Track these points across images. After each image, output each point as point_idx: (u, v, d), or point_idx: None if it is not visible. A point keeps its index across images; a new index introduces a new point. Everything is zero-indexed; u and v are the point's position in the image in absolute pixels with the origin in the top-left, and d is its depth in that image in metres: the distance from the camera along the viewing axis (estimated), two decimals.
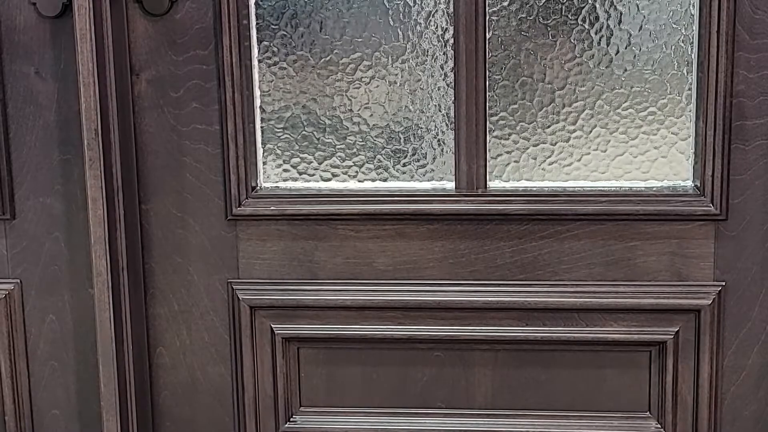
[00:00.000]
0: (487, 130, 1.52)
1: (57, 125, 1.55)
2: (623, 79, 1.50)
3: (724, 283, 1.51)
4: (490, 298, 1.54)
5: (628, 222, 1.51)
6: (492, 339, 1.55)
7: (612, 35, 1.48)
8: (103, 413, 1.56)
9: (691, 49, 1.47)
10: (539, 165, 1.53)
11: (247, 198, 1.54)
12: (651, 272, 1.52)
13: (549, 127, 1.52)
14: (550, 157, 1.53)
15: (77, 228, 1.57)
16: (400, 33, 1.51)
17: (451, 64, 1.51)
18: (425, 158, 1.54)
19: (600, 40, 1.49)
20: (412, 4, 1.50)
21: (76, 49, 1.46)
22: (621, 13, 1.48)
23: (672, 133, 1.51)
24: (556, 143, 1.52)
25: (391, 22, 1.50)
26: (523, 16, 1.49)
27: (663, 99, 1.50)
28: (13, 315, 1.61)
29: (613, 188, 1.52)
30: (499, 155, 1.53)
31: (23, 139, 1.55)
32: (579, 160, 1.53)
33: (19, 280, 1.60)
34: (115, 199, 1.51)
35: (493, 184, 1.54)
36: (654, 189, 1.51)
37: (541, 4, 1.48)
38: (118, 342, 1.54)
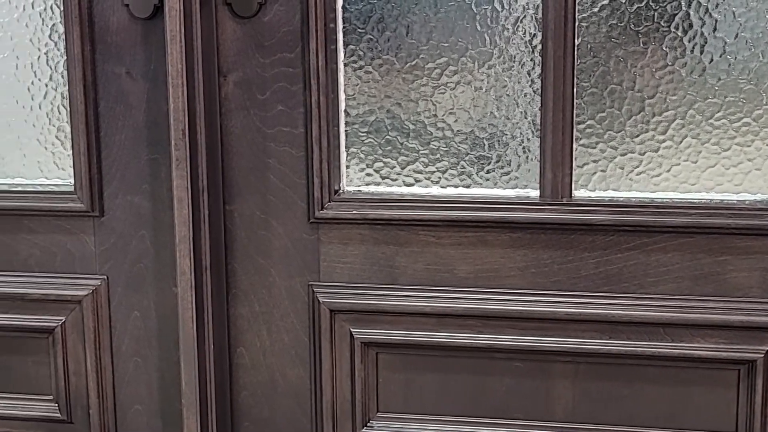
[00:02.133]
0: (574, 138, 1.49)
1: (146, 125, 1.57)
2: (717, 88, 1.45)
3: None
4: (572, 310, 1.51)
5: (718, 236, 1.46)
6: (573, 351, 1.52)
7: (706, 43, 1.44)
8: (184, 411, 1.57)
9: None
10: (626, 175, 1.50)
11: (329, 201, 1.54)
12: (741, 288, 1.47)
13: (638, 136, 1.48)
14: (638, 167, 1.49)
15: (163, 227, 1.59)
16: (487, 38, 1.49)
17: (538, 70, 1.48)
18: (509, 165, 1.52)
19: (693, 48, 1.45)
20: (500, 9, 1.48)
21: (166, 51, 1.48)
22: (716, 21, 1.43)
23: (767, 145, 1.46)
24: (644, 153, 1.49)
25: (479, 27, 1.49)
26: (614, 22, 1.46)
27: (758, 110, 1.45)
28: (100, 311, 1.64)
29: (703, 200, 1.47)
30: (585, 164, 1.50)
31: (113, 138, 1.58)
32: (668, 170, 1.49)
33: (106, 277, 1.63)
34: (200, 199, 1.53)
35: (579, 193, 1.51)
36: (747, 202, 1.46)
37: (632, 10, 1.45)
38: (199, 341, 1.56)
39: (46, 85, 1.62)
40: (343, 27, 1.51)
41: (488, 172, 1.52)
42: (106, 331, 1.65)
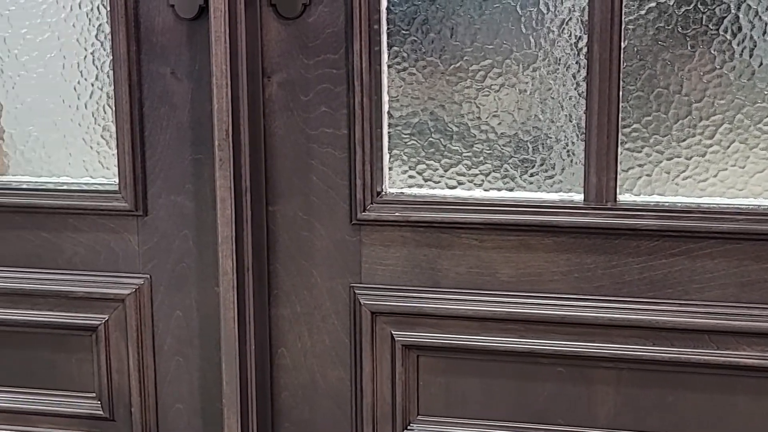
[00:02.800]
0: (619, 141, 1.47)
1: (190, 125, 1.58)
2: (766, 92, 1.43)
3: None
4: (615, 315, 1.49)
5: (766, 242, 1.44)
6: (616, 357, 1.50)
7: (755, 47, 1.42)
8: (225, 410, 1.58)
9: None
10: (672, 179, 1.48)
11: (372, 203, 1.54)
12: None
13: (684, 140, 1.46)
14: (684, 171, 1.47)
15: (206, 227, 1.60)
16: (532, 40, 1.48)
17: (583, 73, 1.47)
18: (553, 169, 1.51)
19: (742, 51, 1.42)
20: (545, 12, 1.47)
21: (210, 51, 1.49)
22: (766, 24, 1.41)
23: None
24: (691, 157, 1.47)
25: (524, 30, 1.48)
26: (661, 25, 1.44)
27: None
28: (143, 309, 1.65)
29: (751, 206, 1.45)
30: (630, 168, 1.49)
31: (157, 138, 1.59)
32: (715, 175, 1.47)
33: (149, 276, 1.64)
34: (243, 199, 1.53)
35: (624, 197, 1.49)
36: None
37: (680, 13, 1.43)
38: (241, 341, 1.56)
39: (92, 85, 1.63)
40: (387, 28, 1.51)
41: (532, 175, 1.51)
42: (148, 329, 1.65)
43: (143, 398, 1.67)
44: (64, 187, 1.65)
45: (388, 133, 1.54)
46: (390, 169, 1.55)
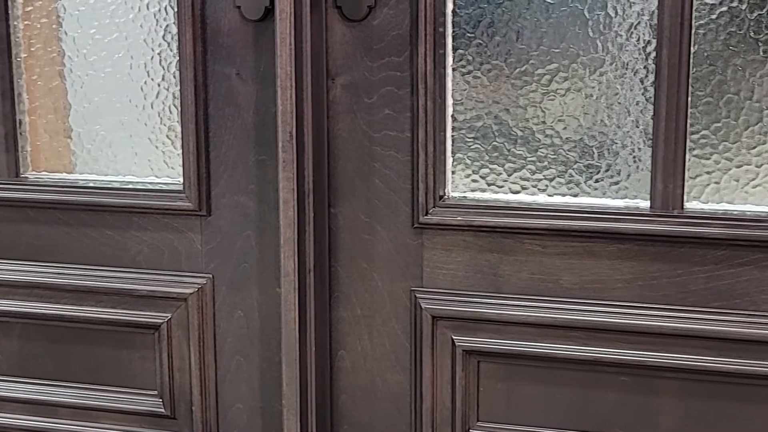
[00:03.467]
0: (687, 148, 1.44)
1: (254, 126, 1.58)
2: None
3: None
4: (680, 325, 1.46)
5: None
6: (681, 367, 1.47)
7: None
8: (284, 411, 1.58)
9: None
10: (742, 187, 1.45)
11: (434, 207, 1.53)
12: None
13: (755, 148, 1.43)
14: (754, 179, 1.44)
15: (268, 227, 1.60)
16: (599, 44, 1.46)
17: (651, 78, 1.44)
18: (619, 175, 1.48)
19: None
20: (613, 15, 1.45)
21: (275, 53, 1.49)
22: None
23: None
24: (761, 165, 1.44)
25: (591, 34, 1.46)
26: (733, 30, 1.41)
27: None
28: (205, 308, 1.66)
29: None
30: (698, 175, 1.46)
31: (222, 138, 1.60)
32: None
33: (211, 275, 1.65)
34: (305, 201, 1.53)
35: (691, 205, 1.46)
36: None
37: (752, 17, 1.40)
38: (301, 342, 1.56)
39: (159, 85, 1.64)
40: (453, 31, 1.50)
41: (597, 181, 1.49)
42: (210, 329, 1.66)
43: (204, 397, 1.68)
44: (130, 186, 1.66)
45: (452, 136, 1.53)
46: (453, 172, 1.54)
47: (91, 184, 1.68)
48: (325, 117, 1.55)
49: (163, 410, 1.71)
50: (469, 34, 1.50)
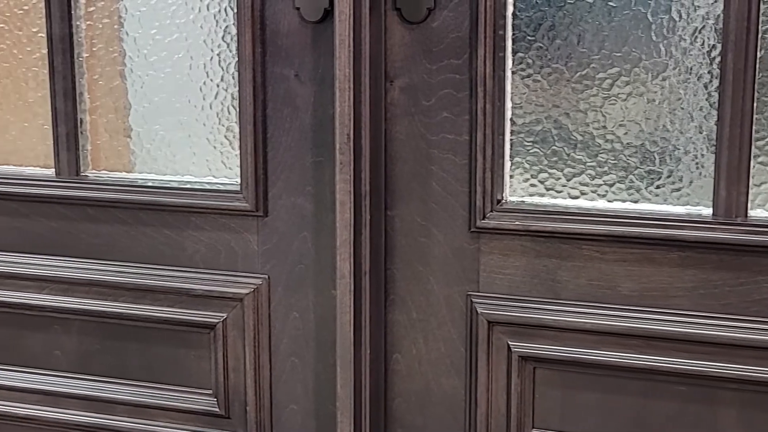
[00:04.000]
0: (752, 155, 1.41)
1: (311, 128, 1.58)
2: None
3: None
4: (742, 335, 1.43)
5: None
6: (741, 378, 1.44)
7: None
8: (338, 414, 1.58)
9: None
10: None
11: (492, 211, 1.52)
12: None
13: None
14: None
15: (324, 229, 1.60)
16: (662, 48, 1.43)
17: (716, 83, 1.42)
18: (681, 181, 1.46)
19: None
20: (677, 19, 1.42)
21: (334, 54, 1.49)
22: None
23: None
24: None
25: (654, 38, 1.43)
26: None
27: None
28: (260, 309, 1.66)
29: None
30: (763, 183, 1.43)
31: (279, 140, 1.60)
32: None
33: (267, 276, 1.65)
34: (362, 203, 1.53)
35: (755, 213, 1.43)
36: None
37: None
38: (356, 345, 1.56)
39: (218, 86, 1.65)
40: (513, 34, 1.48)
41: (658, 187, 1.47)
42: (265, 329, 1.67)
43: (258, 397, 1.69)
44: (188, 186, 1.67)
45: (510, 140, 1.51)
46: (511, 177, 1.53)
47: (150, 184, 1.69)
48: (382, 119, 1.54)
49: (217, 410, 1.72)
50: (529, 37, 1.48)
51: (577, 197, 1.51)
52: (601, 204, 1.49)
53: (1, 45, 1.75)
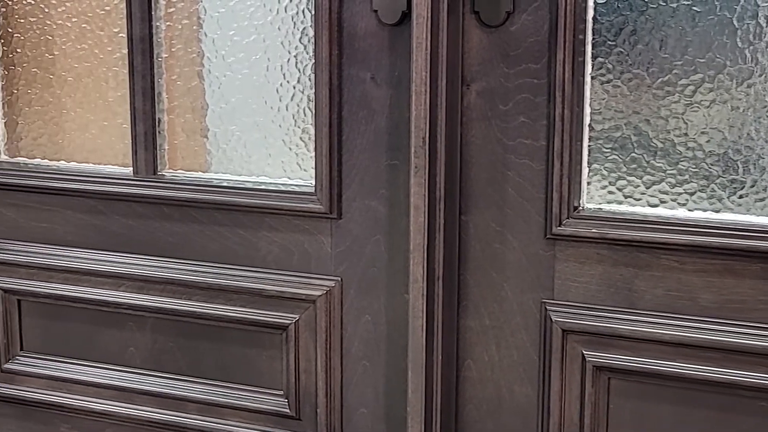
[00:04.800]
0: None
1: (386, 131, 1.57)
2: None
3: None
4: None
5: None
6: None
7: None
8: (409, 418, 1.57)
9: None
10: None
11: (568, 218, 1.49)
12: None
13: None
14: None
15: (398, 233, 1.59)
16: (748, 55, 1.40)
17: None
18: (765, 191, 1.42)
19: None
20: (764, 25, 1.38)
21: (411, 57, 1.48)
22: None
23: None
24: None
25: (739, 44, 1.40)
26: None
27: None
28: (332, 312, 1.66)
29: None
30: None
31: (354, 142, 1.59)
32: None
33: (340, 278, 1.65)
34: (436, 207, 1.52)
35: None
36: None
37: None
38: (428, 350, 1.55)
39: (294, 88, 1.65)
40: (593, 39, 1.46)
41: (741, 197, 1.43)
42: (337, 332, 1.66)
43: (329, 399, 1.68)
44: (263, 187, 1.68)
45: (589, 146, 1.49)
46: (588, 183, 1.50)
47: (225, 184, 1.70)
48: (458, 123, 1.53)
49: (288, 411, 1.72)
50: (609, 42, 1.45)
51: (656, 205, 1.48)
52: (681, 213, 1.46)
53: (83, 45, 1.77)
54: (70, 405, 1.85)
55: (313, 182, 1.64)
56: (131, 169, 1.75)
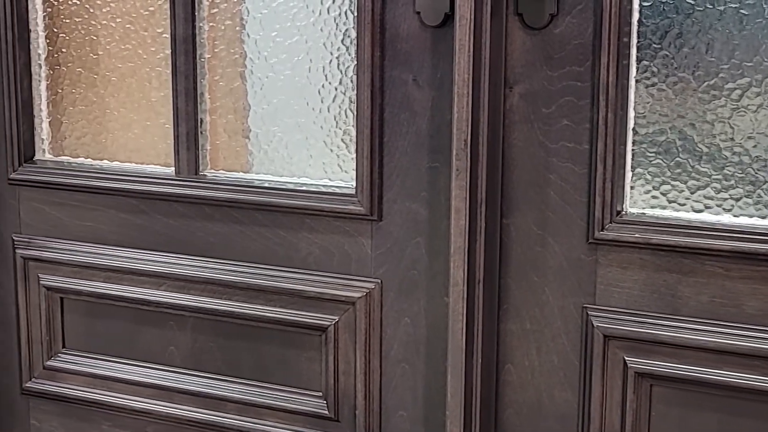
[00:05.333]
0: None
1: (428, 133, 1.57)
2: None
3: None
4: None
5: None
6: None
7: None
8: (448, 422, 1.56)
9: None
10: None
11: (611, 222, 1.48)
12: None
13: None
14: None
15: (438, 235, 1.59)
16: None
17: None
18: None
19: None
20: None
21: (453, 59, 1.47)
22: None
23: None
24: None
25: None
26: None
27: None
28: (372, 314, 1.65)
29: None
30: None
31: (396, 144, 1.59)
32: None
33: (380, 281, 1.64)
34: (477, 210, 1.51)
35: None
36: None
37: None
38: (468, 353, 1.54)
39: (336, 89, 1.65)
40: (638, 42, 1.44)
41: None
42: (376, 334, 1.66)
43: (368, 402, 1.68)
44: (303, 188, 1.68)
45: (632, 150, 1.47)
46: (632, 188, 1.49)
47: (267, 185, 1.70)
48: (501, 126, 1.52)
49: (327, 412, 1.72)
50: (655, 45, 1.44)
51: (701, 211, 1.46)
52: (726, 219, 1.44)
53: (126, 45, 1.78)
54: (110, 403, 1.86)
55: (354, 184, 1.63)
56: (173, 169, 1.76)
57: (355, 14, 1.58)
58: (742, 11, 1.39)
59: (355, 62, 1.60)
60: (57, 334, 1.89)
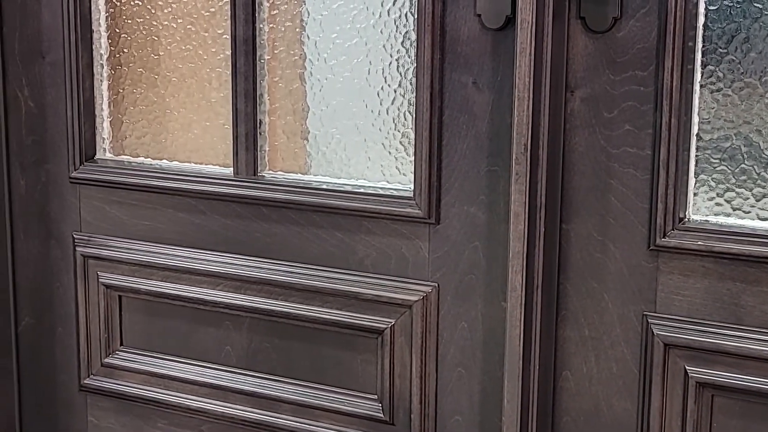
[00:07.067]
0: None
1: (487, 136, 1.55)
2: None
3: None
4: None
5: None
6: None
7: None
8: (504, 428, 1.55)
9: None
10: None
11: (673, 229, 1.46)
12: None
13: None
14: None
15: (496, 240, 1.57)
16: None
17: None
18: None
19: None
20: None
21: (514, 62, 1.46)
22: None
23: None
24: None
25: None
26: None
27: None
28: (428, 317, 1.65)
29: None
30: None
31: (455, 147, 1.58)
32: None
33: (437, 284, 1.64)
34: (537, 215, 1.49)
35: None
36: None
37: None
38: (525, 359, 1.53)
39: (395, 91, 1.64)
40: (703, 46, 1.42)
41: None
42: (432, 338, 1.65)
43: (423, 406, 1.67)
44: (361, 190, 1.67)
45: (696, 156, 1.45)
46: (695, 194, 1.46)
47: (325, 186, 1.70)
48: (561, 130, 1.50)
49: (381, 415, 1.71)
50: (721, 50, 1.41)
51: (766, 219, 1.43)
52: None
53: (187, 46, 1.79)
54: (166, 401, 1.88)
55: (412, 186, 1.63)
56: (232, 169, 1.76)
57: (416, 16, 1.58)
58: None
59: (415, 64, 1.59)
60: (115, 332, 1.90)
